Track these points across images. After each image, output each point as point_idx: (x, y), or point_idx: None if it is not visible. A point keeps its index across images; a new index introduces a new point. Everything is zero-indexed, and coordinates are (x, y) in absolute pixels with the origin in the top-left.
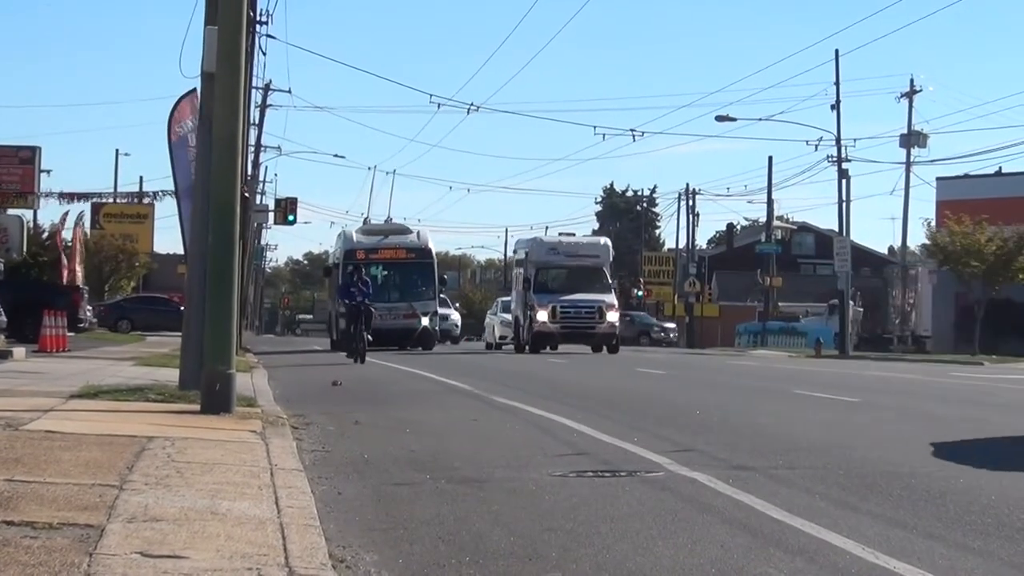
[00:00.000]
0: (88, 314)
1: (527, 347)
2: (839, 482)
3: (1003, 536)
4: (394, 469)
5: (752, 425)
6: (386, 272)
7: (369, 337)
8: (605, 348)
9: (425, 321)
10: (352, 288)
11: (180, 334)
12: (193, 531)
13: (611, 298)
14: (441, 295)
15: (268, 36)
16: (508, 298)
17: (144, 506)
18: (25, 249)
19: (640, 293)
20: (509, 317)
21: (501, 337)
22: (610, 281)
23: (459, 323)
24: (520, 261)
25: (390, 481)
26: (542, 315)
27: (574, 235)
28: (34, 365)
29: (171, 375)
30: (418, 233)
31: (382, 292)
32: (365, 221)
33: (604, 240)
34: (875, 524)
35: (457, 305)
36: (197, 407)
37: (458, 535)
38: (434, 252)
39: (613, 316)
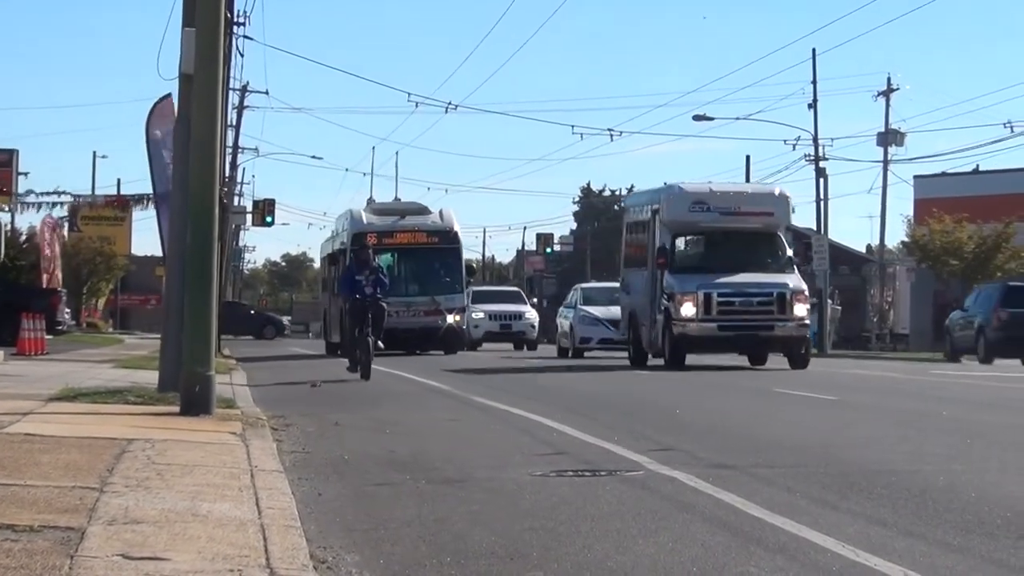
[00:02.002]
0: (66, 316)
1: (659, 356)
2: (819, 480)
3: (983, 533)
4: (374, 470)
5: (732, 424)
6: (403, 260)
7: (380, 344)
8: (788, 359)
9: (451, 319)
10: (358, 277)
11: (248, 338)
12: (174, 533)
13: (796, 280)
14: (521, 292)
15: (246, 37)
16: (596, 284)
17: (125, 508)
18: (3, 252)
19: (536, 300)
20: (596, 312)
21: (584, 339)
22: (790, 253)
23: (536, 324)
24: (639, 224)
25: (370, 482)
26: (687, 308)
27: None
28: (12, 368)
29: (150, 377)
30: (441, 213)
31: (397, 284)
32: (369, 202)
33: (779, 189)
34: (856, 522)
35: (535, 301)
36: (176, 409)
37: (439, 535)
38: (461, 236)
39: (801, 309)
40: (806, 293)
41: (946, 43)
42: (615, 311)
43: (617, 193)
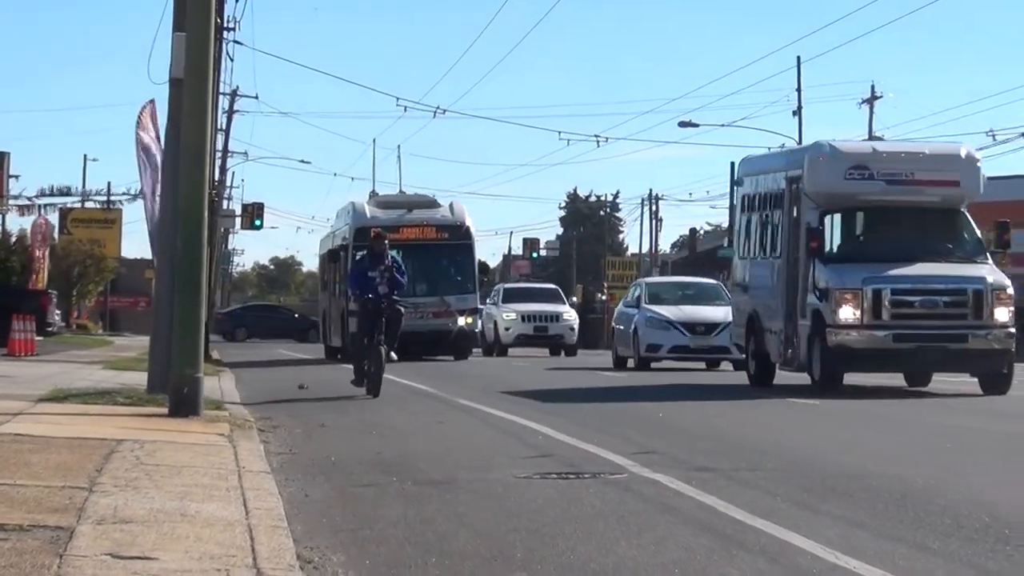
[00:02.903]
0: (56, 318)
1: (798, 371)
2: (800, 484)
3: (961, 537)
4: (360, 471)
5: (713, 427)
6: (410, 257)
7: (394, 355)
8: (979, 380)
9: (462, 321)
10: (371, 273)
11: (293, 341)
12: (162, 532)
13: (995, 273)
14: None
15: (235, 42)
16: (664, 279)
17: (114, 508)
18: None
19: (603, 297)
20: (666, 313)
21: (651, 347)
22: (979, 236)
23: (576, 326)
24: (766, 197)
25: (356, 483)
26: (848, 310)
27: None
28: (2, 369)
29: (139, 379)
30: (451, 206)
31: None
32: (372, 195)
33: (965, 150)
34: (836, 525)
35: (575, 300)
36: (165, 410)
37: (424, 536)
38: (473, 231)
39: (1004, 313)
40: (1009, 291)
41: (929, 52)
42: (690, 312)
43: (603, 199)
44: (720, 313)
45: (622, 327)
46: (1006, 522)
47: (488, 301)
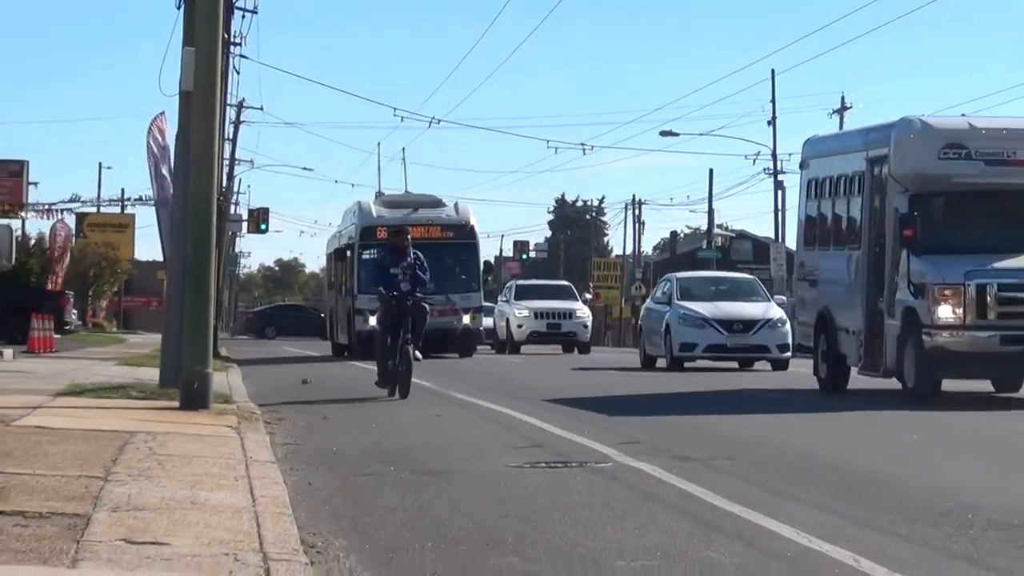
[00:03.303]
0: (73, 317)
1: (885, 377)
2: (776, 472)
3: (928, 522)
4: (361, 461)
5: (693, 418)
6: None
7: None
8: None
9: (466, 319)
10: (393, 270)
11: (317, 338)
12: (174, 519)
13: None
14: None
15: (242, 56)
16: (695, 274)
17: (128, 496)
18: (13, 257)
19: (589, 296)
20: (702, 310)
21: (686, 346)
22: None
23: (589, 323)
24: (841, 181)
25: (357, 472)
26: (947, 308)
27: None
28: (23, 365)
29: (152, 374)
30: (456, 206)
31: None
32: (378, 195)
33: None
34: (809, 511)
35: (589, 296)
36: (176, 404)
37: (420, 522)
38: (478, 230)
39: None
40: None
41: (894, 65)
42: (727, 309)
43: (589, 203)
44: (758, 310)
45: (652, 324)
46: (969, 507)
47: (500, 298)
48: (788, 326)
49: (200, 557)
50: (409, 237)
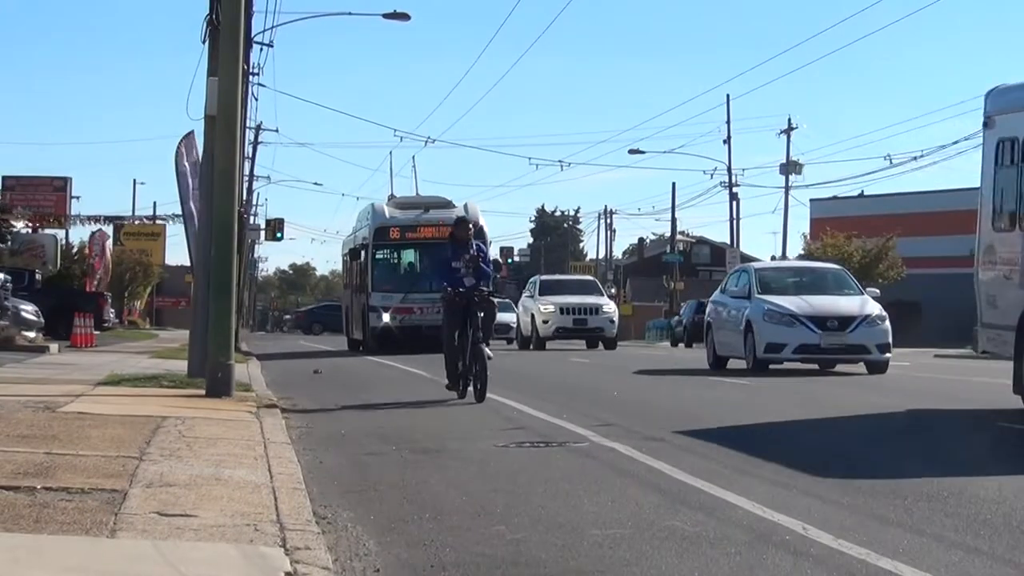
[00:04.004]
0: (111, 315)
1: None
2: (733, 450)
3: (870, 494)
4: (366, 442)
5: (662, 405)
6: (427, 255)
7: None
8: None
9: None
10: (455, 264)
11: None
12: (201, 494)
13: None
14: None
15: (260, 84)
16: (775, 264)
17: (160, 474)
18: (59, 263)
19: (614, 291)
20: (789, 305)
21: (772, 346)
22: None
23: (616, 319)
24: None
25: (363, 452)
26: None
27: None
28: (66, 358)
29: (181, 366)
30: (465, 206)
31: (421, 280)
32: (390, 197)
33: None
34: (764, 485)
35: (613, 291)
36: (202, 392)
37: (419, 495)
38: (486, 230)
39: None
40: None
41: (837, 89)
42: (818, 304)
43: (566, 213)
44: (854, 304)
45: (725, 321)
46: (909, 488)
47: (524, 294)
48: (887, 323)
49: (224, 527)
50: (471, 228)
